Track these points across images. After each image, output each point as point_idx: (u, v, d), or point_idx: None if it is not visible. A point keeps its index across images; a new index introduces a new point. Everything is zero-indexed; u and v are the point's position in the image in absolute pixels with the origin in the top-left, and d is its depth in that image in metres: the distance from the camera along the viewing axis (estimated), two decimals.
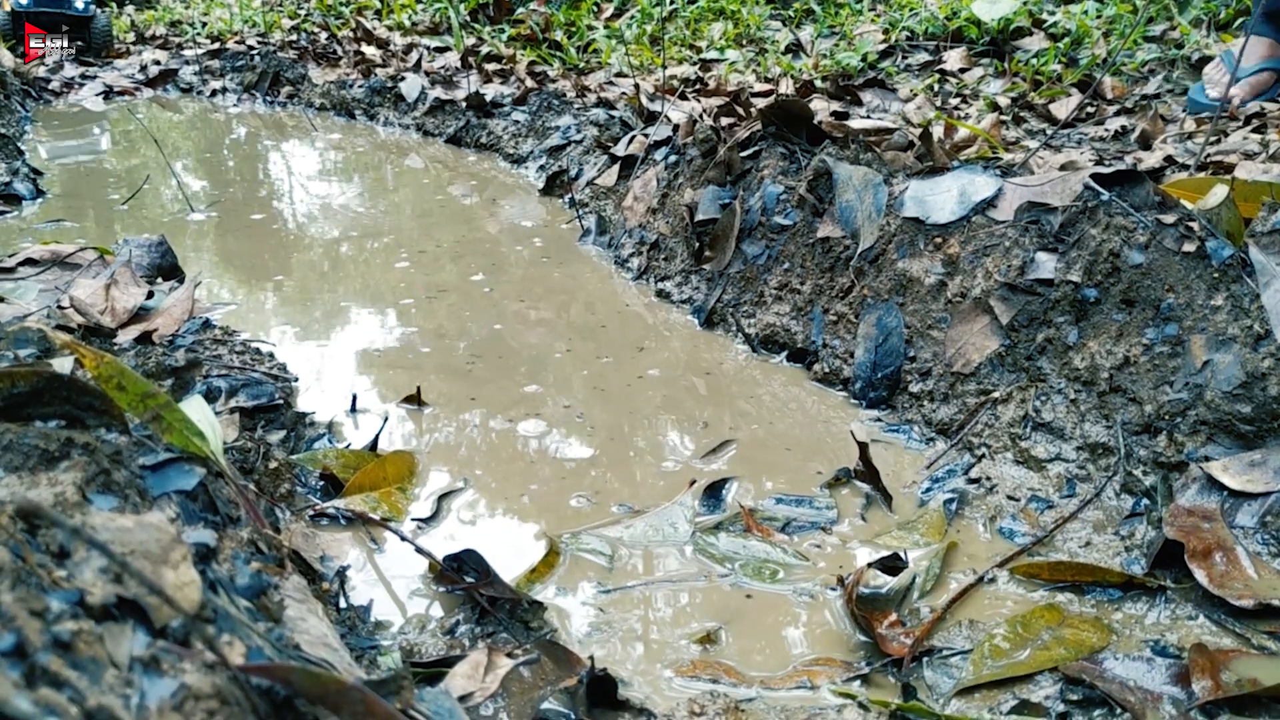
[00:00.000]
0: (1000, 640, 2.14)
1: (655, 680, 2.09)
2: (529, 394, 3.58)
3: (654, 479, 2.97)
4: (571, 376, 3.74)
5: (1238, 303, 2.67)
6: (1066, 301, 3.07)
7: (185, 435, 1.76)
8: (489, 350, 4.00)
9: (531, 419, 3.35)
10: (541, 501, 2.84)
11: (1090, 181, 3.13)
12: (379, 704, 1.05)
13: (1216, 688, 1.90)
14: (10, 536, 0.99)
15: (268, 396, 2.96)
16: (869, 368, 3.64)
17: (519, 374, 3.76)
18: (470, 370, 3.79)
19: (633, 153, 5.86)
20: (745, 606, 2.34)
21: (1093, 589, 2.37)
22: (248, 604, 1.36)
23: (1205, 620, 2.21)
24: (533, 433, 3.27)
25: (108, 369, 1.76)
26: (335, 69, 10.91)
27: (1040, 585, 2.41)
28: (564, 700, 1.94)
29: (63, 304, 3.19)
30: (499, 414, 3.39)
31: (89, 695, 0.85)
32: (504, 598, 2.24)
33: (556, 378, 3.73)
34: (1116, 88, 6.18)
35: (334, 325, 4.35)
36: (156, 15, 16.16)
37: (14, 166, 6.82)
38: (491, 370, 3.79)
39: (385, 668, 1.95)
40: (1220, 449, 2.61)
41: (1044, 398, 3.06)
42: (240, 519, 1.80)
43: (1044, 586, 2.40)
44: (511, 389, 3.61)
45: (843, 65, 7.43)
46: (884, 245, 3.73)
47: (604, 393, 3.59)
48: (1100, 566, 2.39)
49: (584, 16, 10.09)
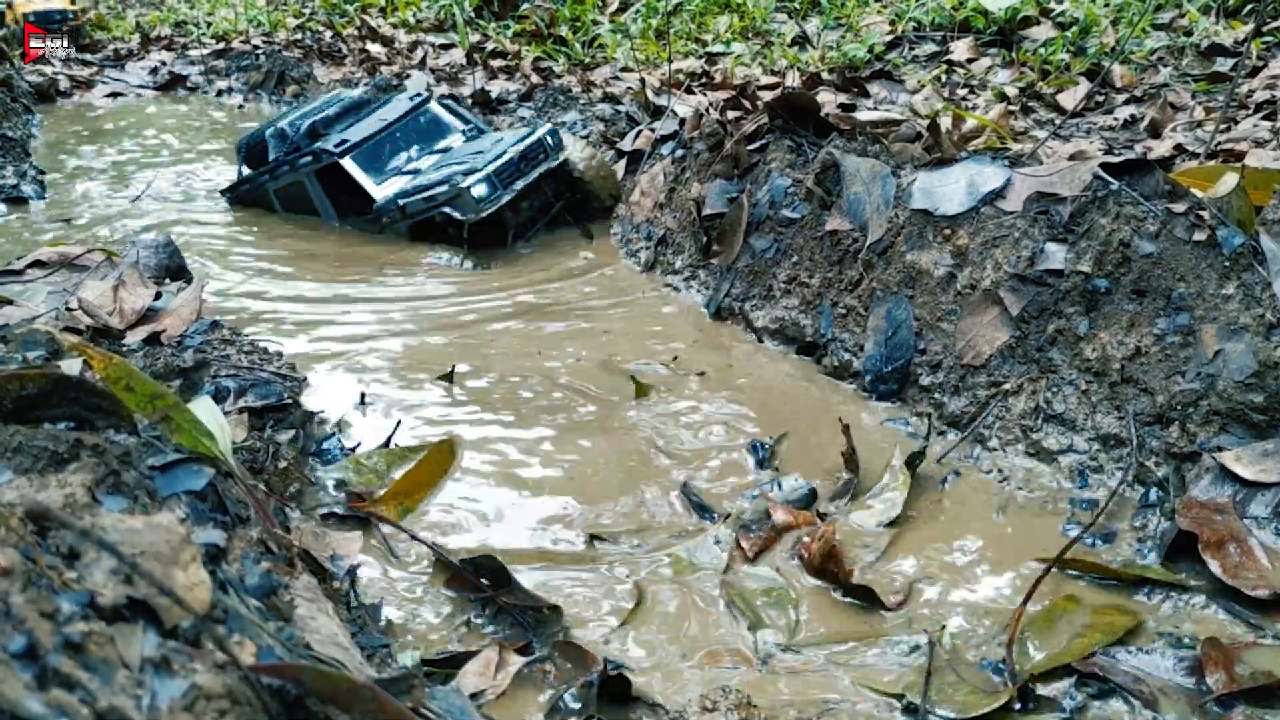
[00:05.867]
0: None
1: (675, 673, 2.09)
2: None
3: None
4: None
5: (1249, 291, 2.65)
6: (1077, 292, 3.05)
7: (194, 436, 1.76)
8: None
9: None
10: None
11: (1100, 171, 3.11)
12: (390, 703, 1.04)
13: (1231, 680, 1.89)
14: (20, 539, 0.99)
15: (276, 396, 2.96)
16: (879, 361, 3.63)
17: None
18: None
19: (639, 148, 5.85)
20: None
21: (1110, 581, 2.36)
22: (258, 604, 1.36)
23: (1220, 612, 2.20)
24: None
25: (116, 370, 1.76)
26: (340, 67, 10.92)
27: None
28: (578, 696, 1.95)
29: (71, 306, 3.20)
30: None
31: (100, 696, 0.85)
32: (524, 605, 2.24)
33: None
34: (1125, 76, 6.13)
35: (357, 306, 4.48)
36: (161, 16, 16.20)
37: (21, 169, 6.84)
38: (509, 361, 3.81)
39: (398, 666, 1.96)
40: (1233, 439, 2.59)
41: (1055, 389, 3.04)
42: (250, 519, 1.81)
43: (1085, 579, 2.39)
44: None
45: (849, 57, 7.40)
46: (892, 237, 3.72)
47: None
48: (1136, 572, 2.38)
49: (589, 11, 10.08)
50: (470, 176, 5.09)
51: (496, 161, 5.17)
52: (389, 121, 5.77)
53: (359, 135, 5.65)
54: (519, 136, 5.37)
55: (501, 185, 5.12)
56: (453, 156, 5.52)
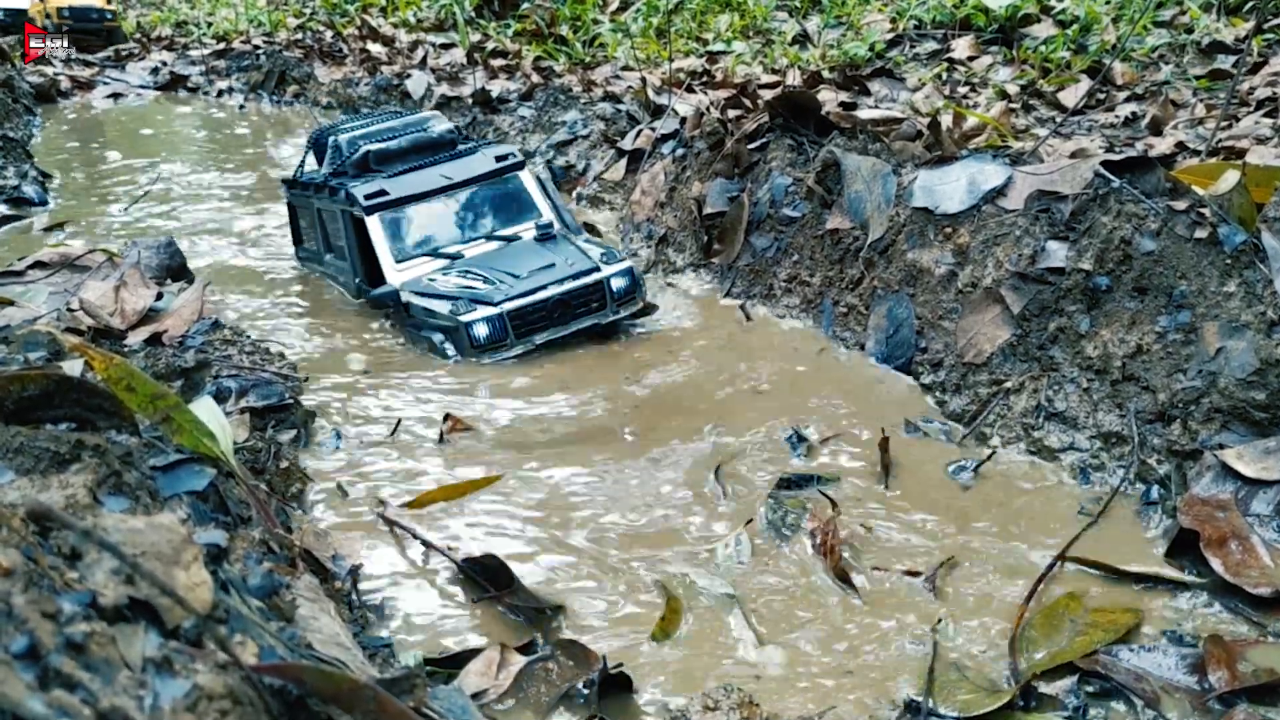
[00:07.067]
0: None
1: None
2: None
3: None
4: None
5: (1251, 289, 2.65)
6: (1078, 290, 3.05)
7: (196, 436, 1.76)
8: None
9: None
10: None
11: (1101, 169, 3.10)
12: (392, 703, 1.04)
13: (1233, 678, 1.89)
14: (22, 539, 0.99)
15: (278, 396, 2.96)
16: (880, 359, 3.62)
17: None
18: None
19: (640, 146, 5.85)
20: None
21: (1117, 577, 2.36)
22: (260, 604, 1.36)
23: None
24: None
25: (117, 371, 1.76)
26: (341, 67, 10.93)
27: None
28: (580, 693, 1.95)
29: (72, 306, 3.20)
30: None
31: (102, 696, 0.85)
32: (527, 606, 2.24)
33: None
34: (1126, 74, 6.13)
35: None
36: (162, 16, 16.22)
37: (23, 170, 6.85)
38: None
39: (400, 666, 1.96)
40: (1235, 436, 2.59)
41: (1056, 387, 3.04)
42: (252, 519, 1.81)
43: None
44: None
45: (850, 55, 7.40)
46: (893, 236, 3.72)
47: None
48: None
49: (589, 10, 10.08)
50: (477, 309, 3.82)
51: (526, 298, 3.86)
52: (454, 181, 4.38)
53: (405, 189, 4.31)
54: (583, 266, 3.99)
55: (513, 332, 3.83)
56: (492, 260, 4.13)
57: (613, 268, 3.99)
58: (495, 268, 4.02)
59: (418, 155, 4.58)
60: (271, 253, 5.44)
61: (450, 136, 4.72)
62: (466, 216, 4.39)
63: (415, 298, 3.98)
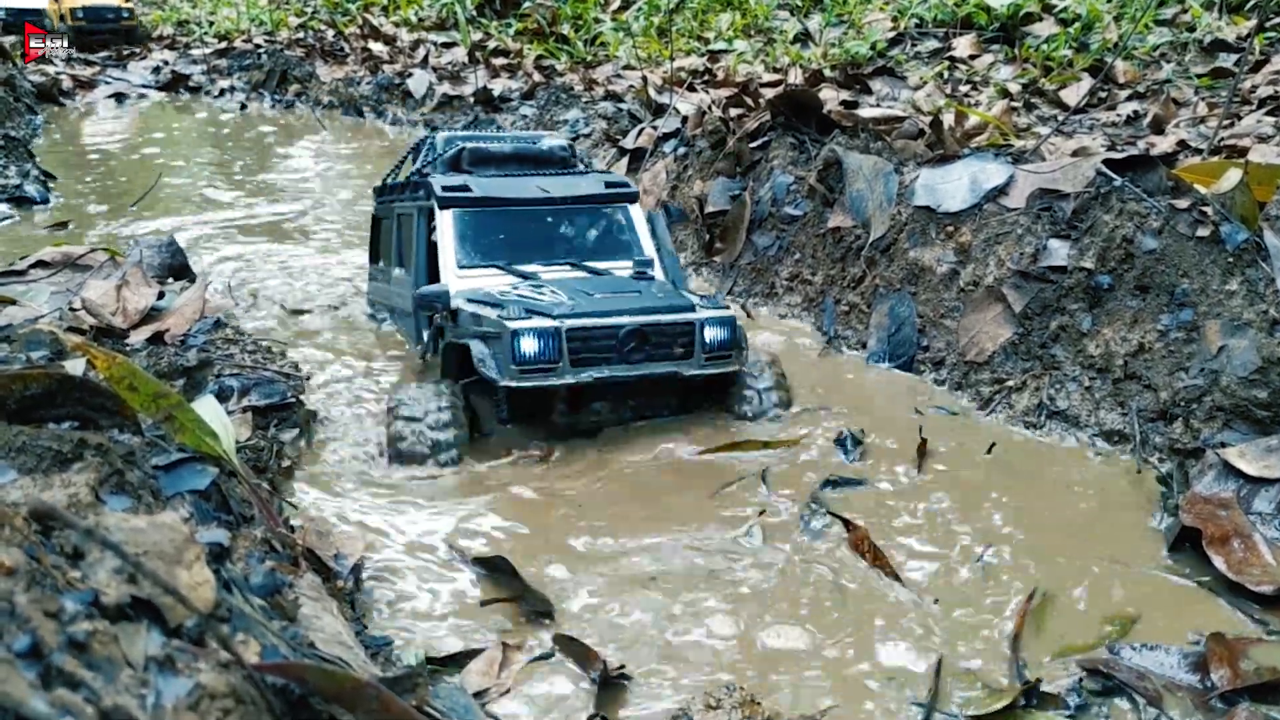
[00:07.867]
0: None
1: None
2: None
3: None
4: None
5: (1253, 287, 2.65)
6: (1080, 288, 3.04)
7: (198, 435, 1.76)
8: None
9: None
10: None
11: (1102, 167, 3.10)
12: (394, 701, 1.05)
13: (1235, 676, 1.89)
14: (25, 538, 0.99)
15: (280, 395, 2.96)
16: (882, 357, 3.62)
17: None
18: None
19: (641, 145, 5.85)
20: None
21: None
22: (262, 602, 1.36)
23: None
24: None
25: (120, 370, 1.76)
26: (343, 66, 10.94)
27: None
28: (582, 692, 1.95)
29: (74, 306, 3.20)
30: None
31: (104, 695, 0.85)
32: (535, 610, 2.25)
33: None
34: (1128, 72, 6.13)
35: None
36: (164, 15, 16.23)
37: (25, 169, 6.85)
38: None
39: (402, 664, 1.96)
40: (1237, 435, 2.59)
41: (1058, 385, 3.04)
42: (254, 518, 1.81)
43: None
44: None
45: (852, 54, 7.40)
46: (895, 234, 3.71)
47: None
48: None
49: (591, 9, 10.08)
50: (528, 319, 3.08)
51: (592, 319, 3.13)
52: (549, 195, 3.73)
53: (490, 190, 3.69)
54: (674, 303, 3.26)
55: (569, 356, 3.07)
56: (569, 285, 3.39)
57: (710, 312, 3.25)
58: (569, 287, 3.36)
59: (519, 165, 4.11)
60: (271, 252, 5.45)
61: (561, 154, 4.21)
62: (555, 238, 3.75)
63: (466, 303, 3.34)
